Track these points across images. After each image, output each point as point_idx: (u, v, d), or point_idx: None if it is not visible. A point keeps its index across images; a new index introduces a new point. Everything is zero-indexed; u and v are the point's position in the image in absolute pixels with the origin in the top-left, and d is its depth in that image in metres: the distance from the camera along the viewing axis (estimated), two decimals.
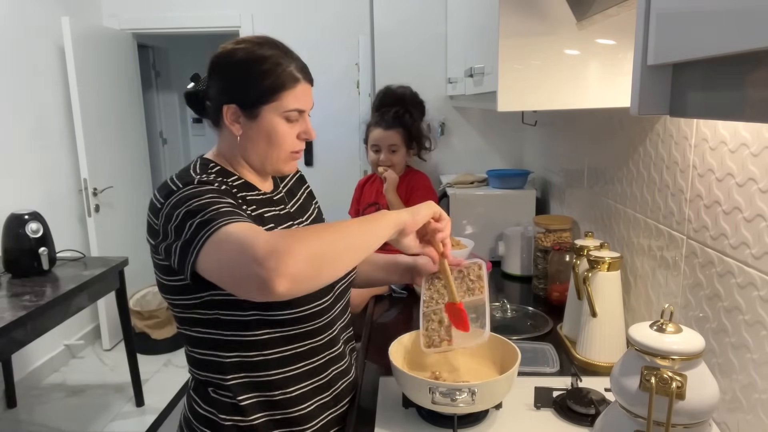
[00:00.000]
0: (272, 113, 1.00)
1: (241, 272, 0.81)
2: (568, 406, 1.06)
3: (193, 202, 0.89)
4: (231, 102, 1.00)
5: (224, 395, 1.02)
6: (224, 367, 1.01)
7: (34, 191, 3.19)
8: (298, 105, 1.01)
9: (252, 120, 1.00)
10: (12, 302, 2.17)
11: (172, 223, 0.90)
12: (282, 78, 0.99)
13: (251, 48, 1.01)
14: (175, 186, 0.93)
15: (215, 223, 0.85)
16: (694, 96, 0.49)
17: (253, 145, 1.03)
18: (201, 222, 0.86)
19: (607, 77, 1.14)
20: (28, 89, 3.17)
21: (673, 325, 0.80)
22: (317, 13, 3.89)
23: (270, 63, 0.99)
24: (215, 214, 0.86)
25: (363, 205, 2.24)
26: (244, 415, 1.01)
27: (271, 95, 0.99)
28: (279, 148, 1.03)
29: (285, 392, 1.03)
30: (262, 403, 1.02)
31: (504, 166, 2.67)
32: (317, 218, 1.21)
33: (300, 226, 1.11)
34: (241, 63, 1.00)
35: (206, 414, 1.03)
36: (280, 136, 1.01)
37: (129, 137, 4.01)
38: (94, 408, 2.97)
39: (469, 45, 1.86)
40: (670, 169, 1.16)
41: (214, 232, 0.84)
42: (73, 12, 3.51)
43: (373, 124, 2.15)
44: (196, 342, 1.03)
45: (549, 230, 1.74)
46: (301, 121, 1.04)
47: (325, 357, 1.08)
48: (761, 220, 0.86)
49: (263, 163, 1.05)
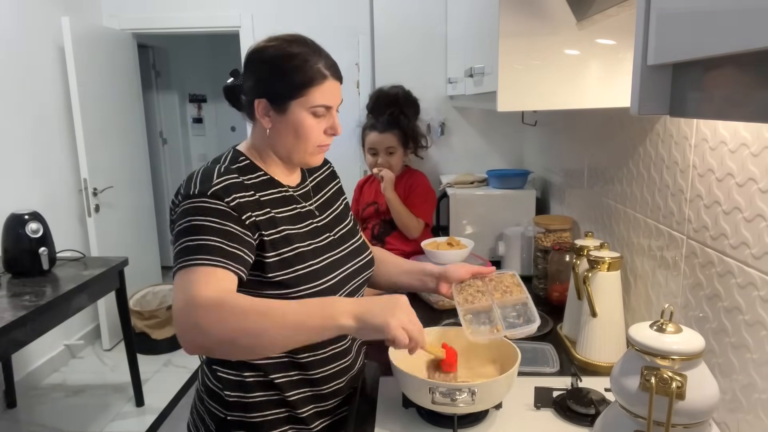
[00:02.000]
0: (300, 108, 1.04)
1: (176, 318, 0.90)
2: (568, 406, 1.06)
3: (194, 220, 0.96)
4: (262, 96, 1.05)
5: (230, 373, 1.08)
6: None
7: (34, 191, 3.19)
8: (324, 101, 1.05)
9: (281, 114, 1.05)
10: (12, 302, 2.17)
11: (177, 225, 0.98)
12: (310, 74, 1.03)
13: (281, 45, 1.05)
14: (193, 190, 0.99)
15: (191, 259, 0.92)
16: (694, 96, 0.49)
17: (281, 138, 1.07)
18: (187, 247, 0.94)
19: (607, 77, 1.14)
20: (28, 89, 3.17)
21: (673, 325, 0.80)
22: (317, 13, 3.89)
23: (299, 60, 1.03)
24: (200, 246, 0.93)
25: (362, 205, 2.24)
26: (248, 391, 1.07)
27: (298, 91, 1.03)
28: (306, 142, 1.07)
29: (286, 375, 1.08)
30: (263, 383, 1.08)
31: (504, 166, 2.67)
32: (340, 215, 1.22)
33: (319, 224, 1.14)
34: (271, 59, 1.05)
35: (214, 389, 1.10)
36: (306, 130, 1.06)
37: (129, 137, 4.01)
38: (94, 408, 2.97)
39: (469, 45, 1.86)
40: (670, 169, 1.16)
41: (186, 266, 0.92)
42: (73, 12, 3.51)
43: (369, 128, 2.15)
44: None
45: (549, 230, 1.74)
46: (328, 116, 1.08)
47: (329, 351, 1.11)
48: (761, 220, 0.86)
49: (290, 155, 1.09)
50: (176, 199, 1.02)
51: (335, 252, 1.13)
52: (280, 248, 1.03)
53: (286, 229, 1.06)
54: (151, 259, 4.29)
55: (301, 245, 1.06)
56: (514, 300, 1.13)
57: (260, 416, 1.08)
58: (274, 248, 1.02)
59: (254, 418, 1.08)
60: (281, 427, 1.09)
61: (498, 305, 1.11)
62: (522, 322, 1.08)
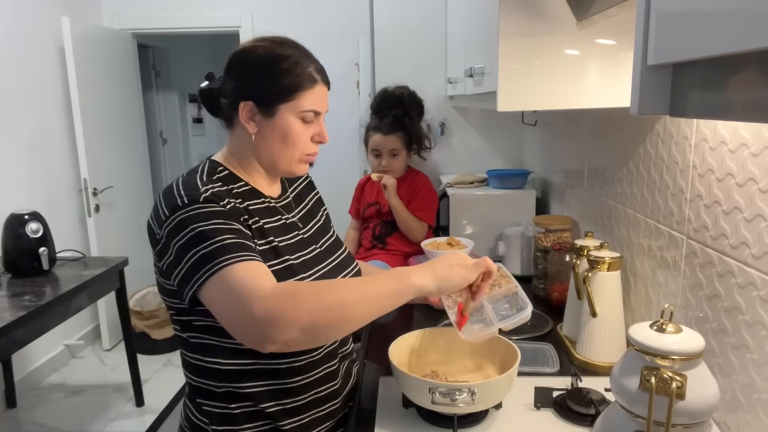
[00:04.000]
0: (289, 112, 0.99)
1: (236, 323, 0.83)
2: (568, 406, 1.06)
3: (199, 227, 0.88)
4: (248, 99, 0.99)
5: (216, 406, 1.02)
6: (216, 375, 1.00)
7: (34, 191, 3.19)
8: (314, 106, 1.01)
9: (268, 118, 1.00)
10: (12, 302, 2.17)
11: (176, 241, 0.90)
12: (301, 78, 0.99)
13: (271, 46, 1.01)
14: (181, 201, 0.91)
15: (219, 262, 0.85)
16: (694, 96, 0.49)
17: (267, 144, 1.01)
18: (205, 255, 0.86)
19: (607, 77, 1.14)
20: (29, 89, 3.17)
21: (673, 325, 0.80)
22: (317, 13, 3.89)
23: (290, 62, 0.99)
24: (220, 248, 0.86)
25: (363, 205, 2.24)
26: (235, 423, 1.01)
27: (289, 94, 0.98)
28: (293, 148, 1.02)
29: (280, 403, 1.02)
30: (252, 414, 1.01)
31: (504, 166, 2.67)
32: (324, 226, 1.18)
33: (305, 236, 1.09)
34: (260, 60, 1.00)
35: (200, 424, 1.04)
36: (294, 135, 1.01)
37: (129, 137, 4.01)
38: (94, 408, 2.97)
39: (469, 45, 1.86)
40: (670, 169, 1.16)
41: (217, 271, 0.84)
42: (73, 12, 3.51)
43: (373, 129, 2.15)
44: (191, 347, 1.02)
45: (549, 230, 1.74)
46: (316, 123, 1.03)
47: (320, 372, 1.06)
48: (761, 220, 0.86)
49: (276, 163, 1.04)
50: (159, 218, 0.93)
51: (323, 265, 1.08)
52: (269, 259, 0.97)
53: (274, 241, 1.00)
54: (151, 259, 4.24)
55: (291, 258, 1.01)
56: (503, 292, 1.10)
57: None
58: (265, 259, 0.94)
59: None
60: None
61: (488, 300, 1.09)
62: (515, 312, 1.06)
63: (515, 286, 1.09)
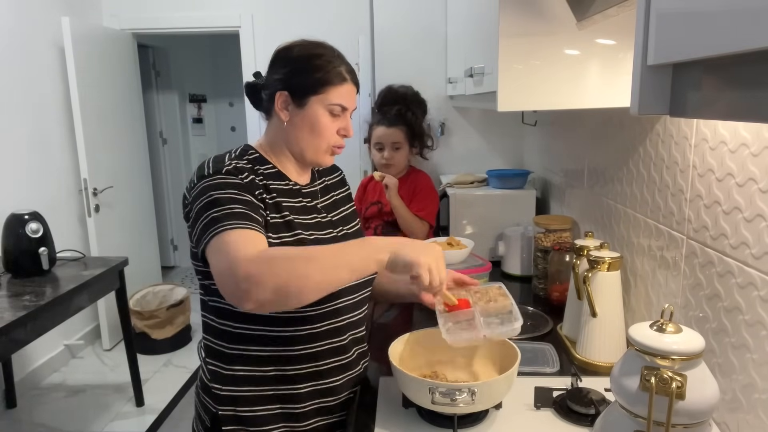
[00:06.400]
0: (318, 104, 1.10)
1: (222, 281, 0.92)
2: (568, 406, 1.06)
3: (214, 194, 1.00)
4: (284, 89, 1.10)
5: (222, 367, 1.11)
6: (227, 336, 1.09)
7: (34, 191, 3.19)
8: (341, 101, 1.11)
9: (299, 108, 1.10)
10: (12, 302, 2.17)
11: (197, 204, 1.02)
12: (331, 74, 1.10)
13: (308, 46, 1.14)
14: (207, 171, 1.04)
15: (221, 225, 0.96)
16: (694, 96, 0.49)
17: (296, 132, 1.12)
18: (213, 218, 0.97)
19: (607, 77, 1.14)
20: (28, 89, 3.17)
21: (673, 325, 0.80)
22: (317, 13, 3.88)
23: (323, 60, 1.10)
24: (226, 214, 0.97)
25: (366, 204, 2.24)
26: (237, 384, 1.10)
27: (319, 87, 1.09)
28: (319, 138, 1.12)
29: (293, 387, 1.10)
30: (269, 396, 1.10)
31: (504, 166, 2.67)
32: (346, 218, 1.25)
33: (323, 220, 1.17)
34: (297, 57, 1.12)
35: (207, 383, 1.13)
36: (322, 126, 1.11)
37: (129, 137, 4.01)
38: (94, 408, 2.97)
39: (469, 45, 1.86)
40: (670, 169, 1.16)
41: (218, 233, 0.95)
42: (74, 12, 3.51)
43: (376, 123, 2.16)
44: (209, 309, 1.11)
45: (549, 230, 1.74)
46: (342, 117, 1.13)
47: (323, 345, 1.12)
48: (761, 220, 0.86)
49: (303, 151, 1.13)
50: (190, 185, 1.07)
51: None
52: (281, 232, 1.05)
53: (289, 216, 1.08)
54: (151, 259, 4.29)
55: (304, 233, 1.09)
56: (498, 308, 1.10)
57: (250, 411, 1.09)
58: (276, 231, 1.05)
59: (245, 412, 1.09)
60: (275, 423, 1.10)
61: (481, 313, 1.09)
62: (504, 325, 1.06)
63: (511, 304, 1.11)
